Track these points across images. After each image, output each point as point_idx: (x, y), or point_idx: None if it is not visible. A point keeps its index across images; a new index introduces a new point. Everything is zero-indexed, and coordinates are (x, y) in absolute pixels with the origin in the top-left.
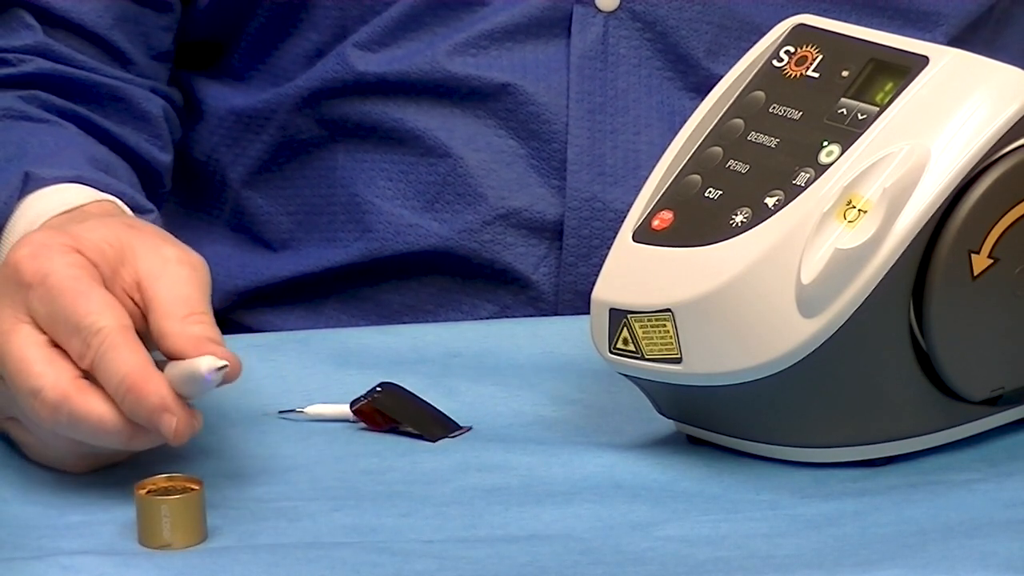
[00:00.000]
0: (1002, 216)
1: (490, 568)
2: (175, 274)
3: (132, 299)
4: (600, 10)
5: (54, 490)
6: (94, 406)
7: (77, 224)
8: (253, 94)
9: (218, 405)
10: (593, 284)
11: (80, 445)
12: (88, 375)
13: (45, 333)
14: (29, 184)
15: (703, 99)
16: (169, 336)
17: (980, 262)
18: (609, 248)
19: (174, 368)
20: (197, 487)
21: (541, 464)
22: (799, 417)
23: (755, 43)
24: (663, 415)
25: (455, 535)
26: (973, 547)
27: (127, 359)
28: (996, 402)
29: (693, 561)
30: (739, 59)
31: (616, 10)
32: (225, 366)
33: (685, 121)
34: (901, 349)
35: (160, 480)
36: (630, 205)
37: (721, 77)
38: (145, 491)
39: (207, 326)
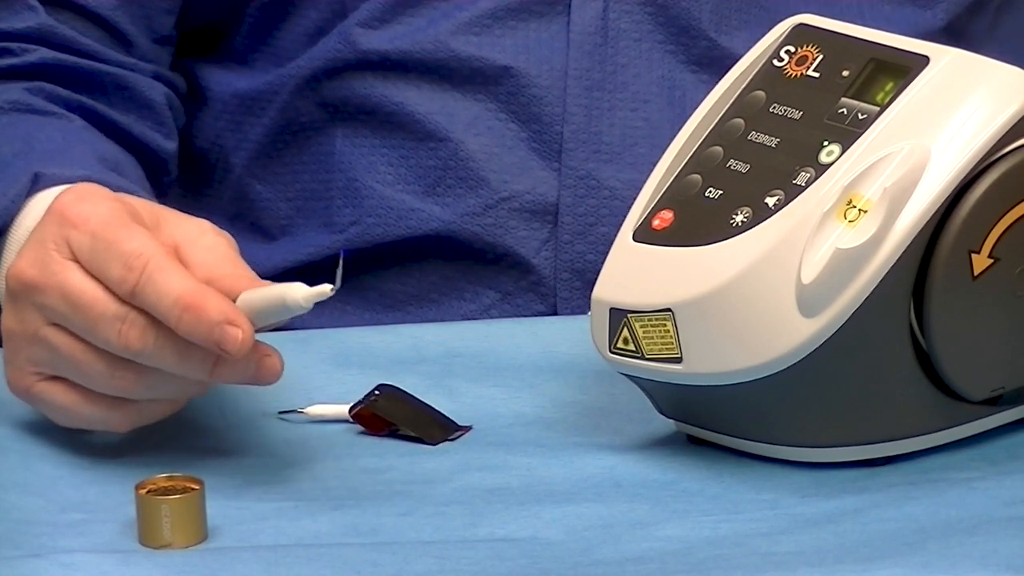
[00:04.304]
0: (1002, 216)
1: (490, 568)
2: (213, 240)
3: None
4: None
5: (55, 484)
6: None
7: None
8: (256, 76)
9: (218, 405)
10: (589, 262)
11: (134, 388)
12: None
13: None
14: (39, 183)
15: (705, 72)
16: (220, 279)
17: (980, 262)
18: (605, 226)
19: (248, 295)
20: (197, 487)
21: (541, 464)
22: (799, 417)
23: (756, 13)
24: (663, 415)
25: (455, 535)
26: (973, 545)
27: (178, 279)
28: (996, 402)
29: (693, 560)
30: (742, 28)
31: None
32: (328, 293)
33: (685, 95)
34: (901, 349)
35: (160, 480)
36: (625, 182)
37: (724, 48)
38: (145, 491)
39: (257, 278)
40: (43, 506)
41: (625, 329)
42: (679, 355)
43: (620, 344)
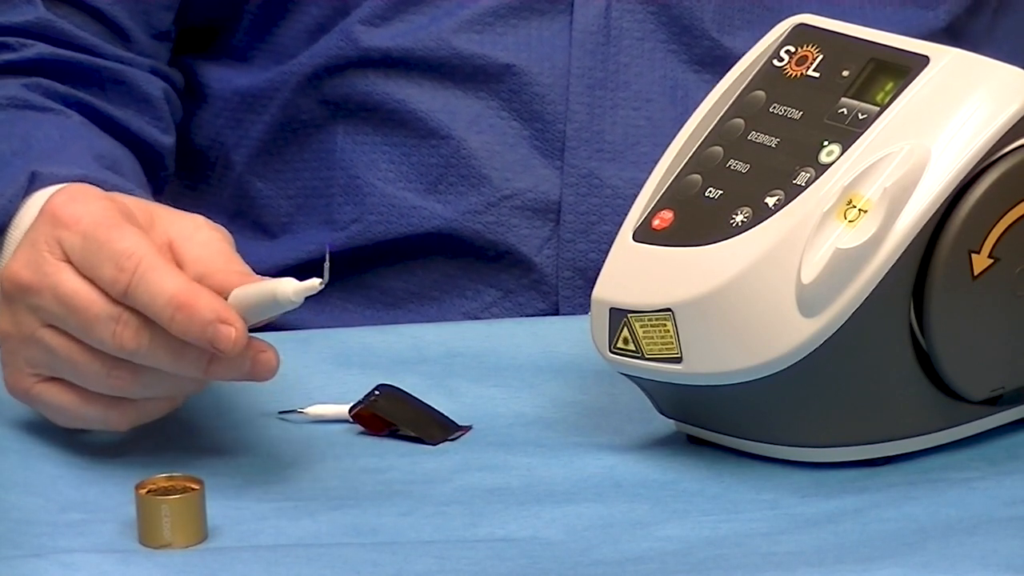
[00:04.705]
0: (1002, 216)
1: (490, 568)
2: (207, 235)
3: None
4: None
5: (55, 484)
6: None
7: None
8: (256, 73)
9: (217, 405)
10: (591, 261)
11: (131, 388)
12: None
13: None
14: (35, 183)
15: (707, 72)
16: (213, 275)
17: (980, 262)
18: (607, 224)
19: (240, 292)
20: (197, 487)
21: (541, 464)
22: (799, 417)
23: (759, 13)
24: (663, 415)
25: (455, 535)
26: (973, 545)
27: (170, 279)
28: (996, 402)
29: (693, 560)
30: (745, 28)
31: None
32: (317, 287)
33: (688, 95)
34: (901, 349)
35: (160, 480)
36: (627, 181)
37: (727, 48)
38: (145, 491)
39: (250, 273)
40: (43, 506)
41: (625, 329)
42: (679, 355)
43: (620, 344)
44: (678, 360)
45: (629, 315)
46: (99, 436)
